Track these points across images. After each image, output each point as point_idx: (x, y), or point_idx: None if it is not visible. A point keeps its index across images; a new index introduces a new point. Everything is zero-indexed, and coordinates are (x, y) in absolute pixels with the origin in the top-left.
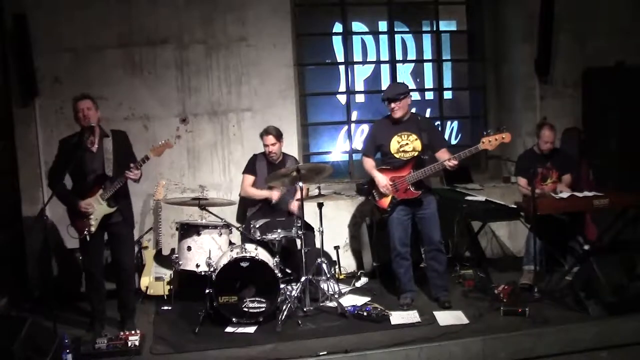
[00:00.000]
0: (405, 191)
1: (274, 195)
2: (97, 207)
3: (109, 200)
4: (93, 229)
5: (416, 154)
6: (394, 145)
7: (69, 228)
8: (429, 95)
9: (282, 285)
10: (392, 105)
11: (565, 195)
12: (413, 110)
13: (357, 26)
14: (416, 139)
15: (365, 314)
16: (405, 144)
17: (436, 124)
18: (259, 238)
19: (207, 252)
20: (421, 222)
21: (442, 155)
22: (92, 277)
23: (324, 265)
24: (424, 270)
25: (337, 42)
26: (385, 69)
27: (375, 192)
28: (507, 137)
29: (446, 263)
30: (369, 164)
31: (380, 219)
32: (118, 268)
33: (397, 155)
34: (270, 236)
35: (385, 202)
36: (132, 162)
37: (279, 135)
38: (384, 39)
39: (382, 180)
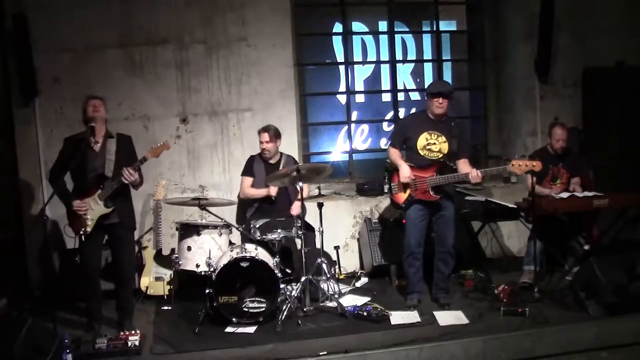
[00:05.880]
0: (424, 193)
1: (272, 191)
2: (95, 207)
3: (106, 201)
4: (89, 229)
5: (441, 156)
6: (421, 141)
7: (66, 227)
8: None
9: (282, 285)
10: (441, 101)
11: (565, 195)
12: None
13: (357, 26)
14: (444, 142)
15: (365, 314)
16: (433, 144)
17: None
18: (259, 238)
19: (207, 252)
20: (437, 223)
21: (462, 164)
22: (88, 277)
23: (324, 265)
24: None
25: (337, 42)
26: (385, 69)
27: (395, 184)
28: (537, 166)
29: (453, 267)
30: (395, 153)
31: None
32: (117, 269)
33: (421, 153)
34: (270, 236)
35: (402, 198)
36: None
37: (276, 135)
38: (384, 39)
39: (407, 171)
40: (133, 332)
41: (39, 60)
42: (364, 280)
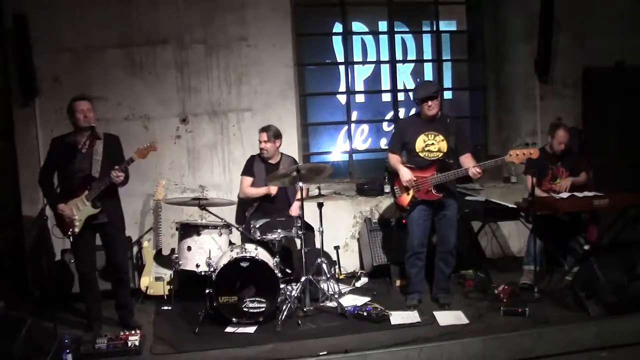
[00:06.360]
0: (427, 192)
1: (272, 189)
2: (82, 208)
3: (94, 201)
4: (77, 229)
5: (441, 155)
6: (420, 143)
7: (53, 228)
8: None
9: (282, 285)
10: (430, 103)
11: (565, 195)
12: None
13: (357, 26)
14: (442, 140)
15: (365, 314)
16: (431, 144)
17: None
18: (259, 238)
19: (207, 252)
20: (440, 223)
21: (466, 160)
22: (84, 278)
23: (324, 265)
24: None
25: (337, 42)
26: (385, 69)
27: (397, 188)
28: (534, 153)
29: (454, 267)
30: (395, 158)
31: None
32: (113, 269)
33: (421, 154)
34: (270, 236)
35: (406, 200)
36: (118, 165)
37: (276, 136)
38: (384, 39)
39: (407, 174)
40: (133, 332)
41: (39, 60)
42: (364, 280)
